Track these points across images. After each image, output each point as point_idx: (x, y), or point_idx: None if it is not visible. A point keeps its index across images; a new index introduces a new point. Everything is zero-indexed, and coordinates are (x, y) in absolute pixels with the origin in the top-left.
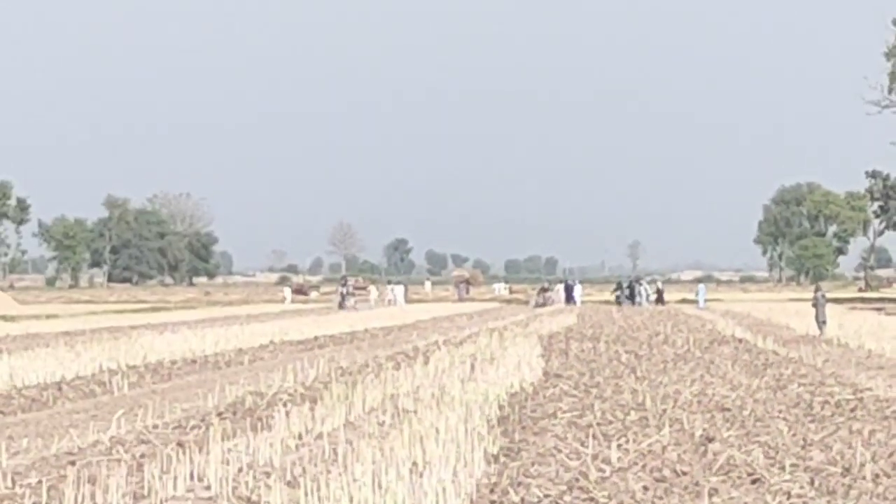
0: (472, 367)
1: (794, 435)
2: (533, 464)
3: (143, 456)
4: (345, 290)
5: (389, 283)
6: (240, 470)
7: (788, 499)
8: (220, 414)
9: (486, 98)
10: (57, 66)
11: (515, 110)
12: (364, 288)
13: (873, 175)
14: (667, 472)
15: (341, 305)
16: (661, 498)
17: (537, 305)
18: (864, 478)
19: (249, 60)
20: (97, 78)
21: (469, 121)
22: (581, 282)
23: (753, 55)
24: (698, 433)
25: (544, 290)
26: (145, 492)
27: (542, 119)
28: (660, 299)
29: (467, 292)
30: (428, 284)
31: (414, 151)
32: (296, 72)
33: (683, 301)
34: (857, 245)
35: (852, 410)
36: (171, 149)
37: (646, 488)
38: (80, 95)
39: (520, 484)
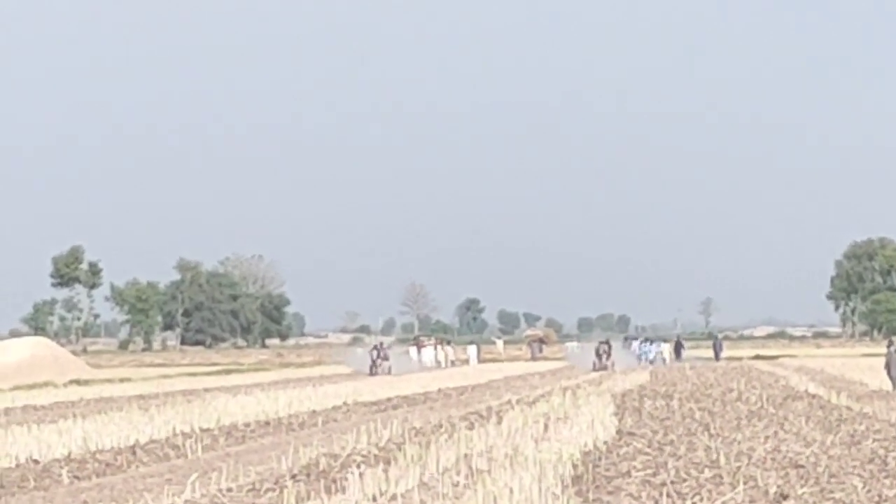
0: (546, 426)
1: (868, 491)
2: None
3: None
4: (376, 354)
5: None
6: None
7: None
8: (294, 476)
9: (557, 160)
10: (127, 131)
11: (586, 171)
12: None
13: None
14: None
15: (373, 371)
16: None
17: (595, 369)
18: None
19: (321, 126)
20: (167, 142)
21: (540, 181)
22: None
23: (822, 113)
24: (773, 490)
25: (602, 351)
26: None
27: (612, 179)
28: (678, 354)
29: (541, 351)
30: (500, 343)
31: (485, 212)
32: (367, 135)
33: (757, 357)
34: None
35: None
36: (242, 211)
37: None
38: (150, 160)
39: None
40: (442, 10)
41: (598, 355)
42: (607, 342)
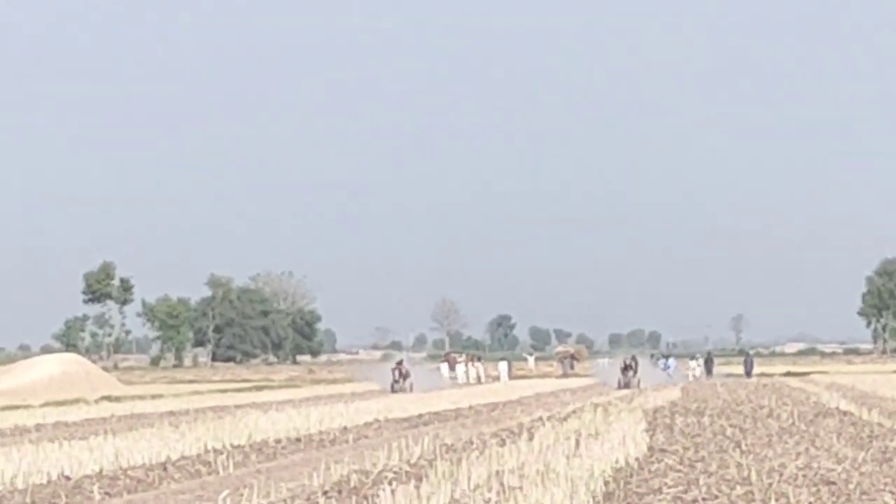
0: (577, 442)
1: None
2: None
3: None
4: (398, 372)
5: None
6: None
7: None
8: (325, 493)
9: (586, 175)
10: (159, 147)
11: (617, 186)
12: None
13: None
14: None
15: (394, 388)
16: None
17: (620, 386)
18: None
19: (352, 143)
20: (198, 159)
21: (572, 198)
22: (681, 356)
23: (855, 129)
24: None
25: (627, 367)
26: None
27: (644, 195)
28: (709, 371)
29: (572, 368)
30: (531, 360)
31: (516, 228)
32: (398, 153)
33: (788, 374)
34: None
35: None
36: (273, 227)
37: None
38: (181, 176)
39: None
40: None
41: (624, 372)
42: (633, 358)
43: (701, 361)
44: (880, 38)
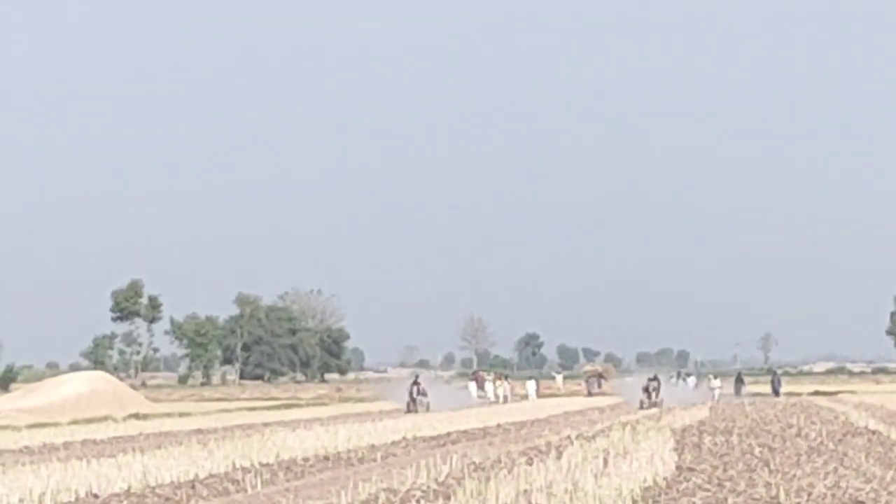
0: (605, 461)
1: None
2: None
3: None
4: (415, 390)
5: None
6: None
7: None
8: None
9: (617, 194)
10: (186, 164)
11: (647, 204)
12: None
13: None
14: None
15: (409, 408)
16: None
17: (643, 407)
18: None
19: (379, 160)
20: (228, 177)
21: (599, 218)
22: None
23: (883, 146)
24: None
25: (650, 386)
26: None
27: (674, 213)
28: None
29: (599, 386)
30: (559, 378)
31: (545, 246)
32: (426, 171)
33: (816, 393)
34: None
35: None
36: (301, 246)
37: None
38: (210, 194)
39: None
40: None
41: (647, 392)
42: (656, 378)
43: (719, 381)
44: None
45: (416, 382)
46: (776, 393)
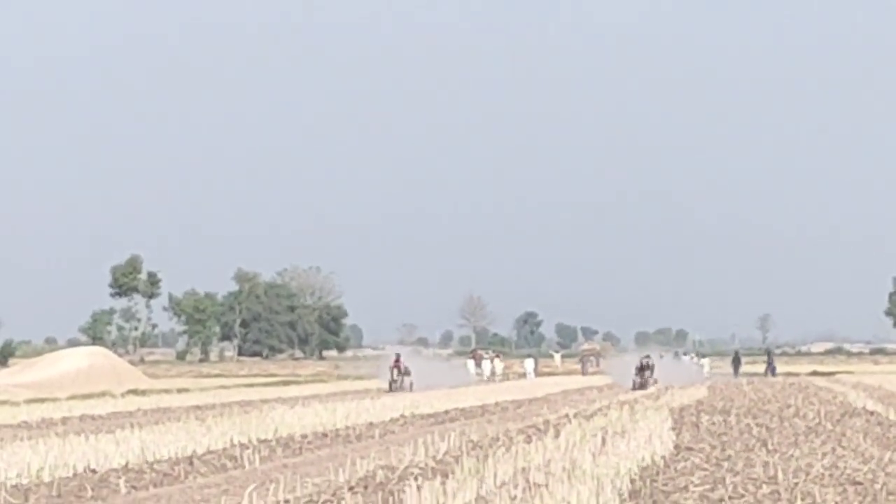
0: (603, 440)
1: None
2: None
3: None
4: (395, 370)
5: (493, 354)
6: None
7: None
8: (351, 488)
9: (614, 173)
10: (186, 140)
11: (644, 184)
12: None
13: None
14: None
15: (392, 387)
16: None
17: (635, 387)
18: None
19: (377, 138)
20: (227, 153)
21: (598, 195)
22: (709, 355)
23: (880, 127)
24: None
25: (644, 367)
26: None
27: (672, 193)
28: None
29: (597, 365)
30: (557, 357)
31: (544, 225)
32: (424, 148)
33: (814, 373)
34: None
35: None
36: (300, 223)
37: None
38: (209, 170)
39: None
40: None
41: (640, 373)
42: (649, 357)
43: (707, 360)
44: None
45: (397, 360)
46: (773, 372)
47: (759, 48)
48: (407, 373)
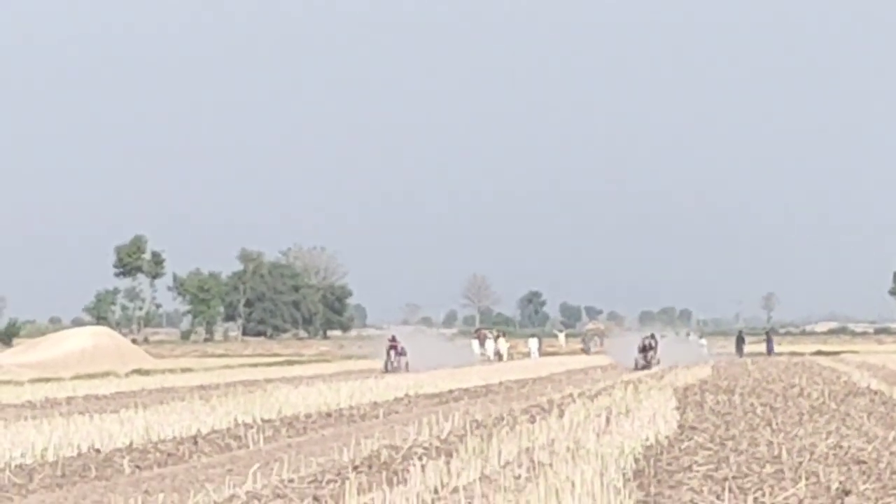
0: (608, 419)
1: None
2: None
3: None
4: (392, 350)
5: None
6: None
7: None
8: (355, 468)
9: (618, 152)
10: (190, 119)
11: (649, 163)
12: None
13: None
14: None
15: (387, 367)
16: None
17: (637, 367)
18: None
19: (381, 119)
20: (231, 132)
21: (602, 176)
22: (712, 334)
23: (886, 108)
24: (835, 486)
25: (647, 347)
26: None
27: (675, 173)
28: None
29: (601, 344)
30: (561, 337)
31: (547, 205)
32: (427, 129)
33: (818, 353)
34: None
35: None
36: (304, 202)
37: None
38: (213, 150)
39: None
40: None
41: (643, 352)
42: (652, 336)
43: (705, 340)
44: None
45: (392, 340)
46: (770, 351)
47: (775, 16)
48: (403, 353)
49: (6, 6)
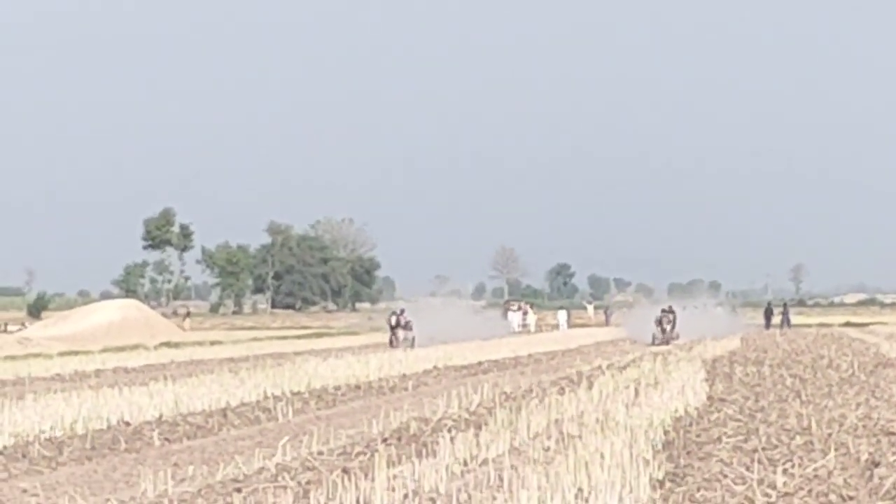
0: (636, 391)
1: None
2: (698, 489)
3: (308, 483)
4: (395, 322)
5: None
6: (405, 496)
7: None
8: (385, 440)
9: (647, 123)
10: (219, 96)
11: (677, 135)
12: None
13: None
14: (833, 497)
15: (392, 343)
16: None
17: (655, 342)
18: None
19: (409, 92)
20: (258, 105)
21: (630, 148)
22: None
23: None
24: (864, 457)
25: (664, 319)
26: None
27: (703, 142)
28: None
29: (611, 317)
30: (590, 309)
31: (577, 177)
32: (456, 100)
33: (847, 324)
34: None
35: None
36: (333, 174)
37: None
38: (241, 123)
39: None
40: None
41: (661, 325)
42: (670, 310)
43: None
44: None
45: (398, 314)
46: (788, 324)
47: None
48: (409, 328)
49: None
